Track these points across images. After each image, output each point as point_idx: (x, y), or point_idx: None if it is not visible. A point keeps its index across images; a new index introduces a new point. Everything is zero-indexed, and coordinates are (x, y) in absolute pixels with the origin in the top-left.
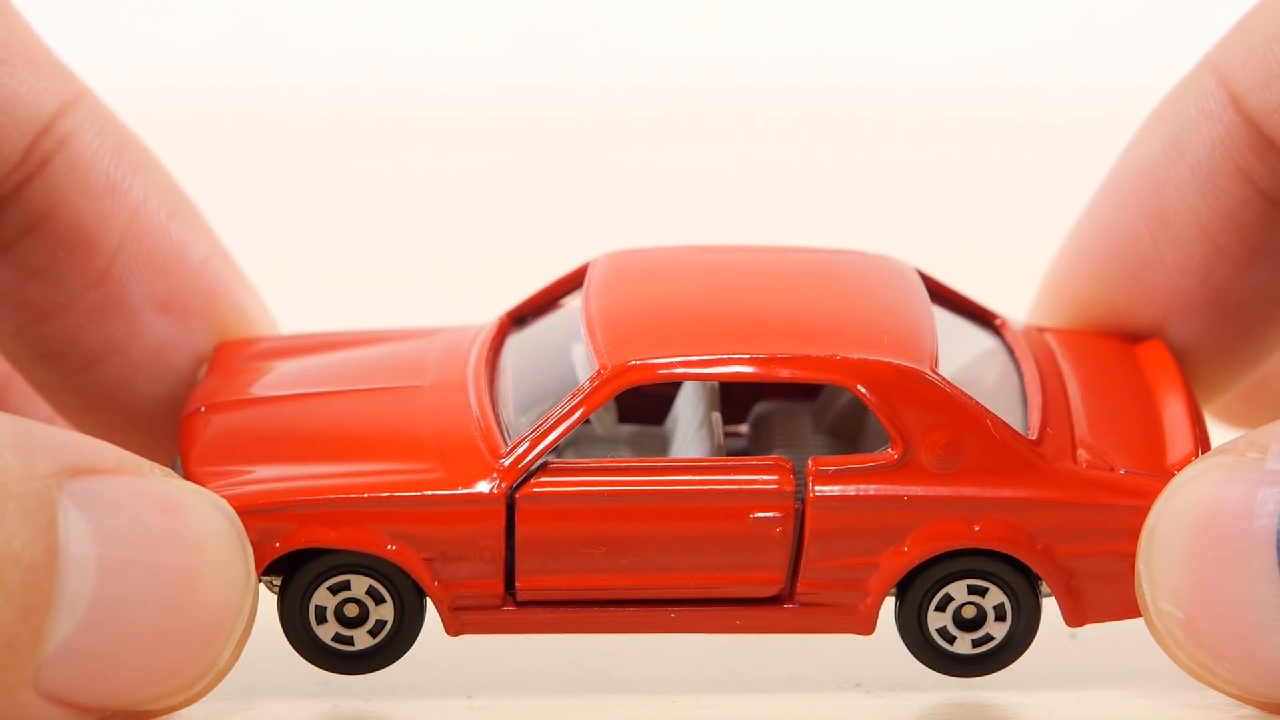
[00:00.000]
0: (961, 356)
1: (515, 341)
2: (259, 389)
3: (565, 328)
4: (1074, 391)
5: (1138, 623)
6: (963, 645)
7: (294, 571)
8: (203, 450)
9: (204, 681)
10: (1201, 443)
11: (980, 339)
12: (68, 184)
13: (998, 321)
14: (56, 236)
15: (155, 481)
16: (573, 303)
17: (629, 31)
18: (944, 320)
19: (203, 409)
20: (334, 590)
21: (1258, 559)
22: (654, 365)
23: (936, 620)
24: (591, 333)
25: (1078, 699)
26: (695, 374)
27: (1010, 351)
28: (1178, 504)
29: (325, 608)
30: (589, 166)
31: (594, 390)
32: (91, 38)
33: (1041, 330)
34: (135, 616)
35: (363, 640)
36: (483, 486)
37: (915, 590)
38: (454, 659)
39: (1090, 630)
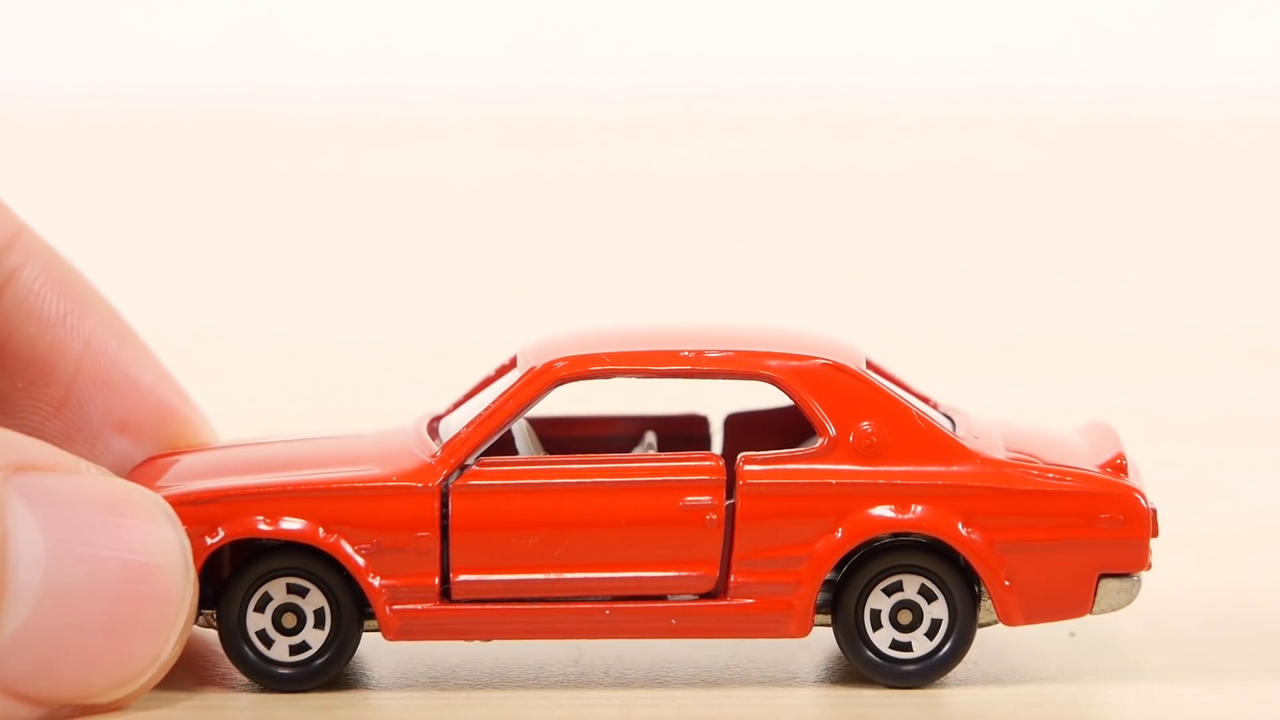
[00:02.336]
0: None
1: (449, 419)
2: (200, 451)
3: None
4: (1003, 431)
5: (1136, 623)
6: (919, 645)
7: (225, 594)
8: (142, 473)
9: (149, 674)
10: (1126, 466)
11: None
12: (19, 316)
13: (932, 401)
14: (13, 367)
15: (94, 479)
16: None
17: (623, 32)
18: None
19: (148, 459)
20: (260, 606)
21: None
22: (583, 360)
23: (882, 638)
24: (522, 356)
25: (1078, 696)
26: (624, 370)
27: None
28: None
29: (264, 629)
30: (583, 166)
31: (524, 386)
32: (91, 38)
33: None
34: (83, 607)
35: (315, 639)
36: (417, 478)
37: (848, 598)
38: (452, 657)
39: (1090, 629)
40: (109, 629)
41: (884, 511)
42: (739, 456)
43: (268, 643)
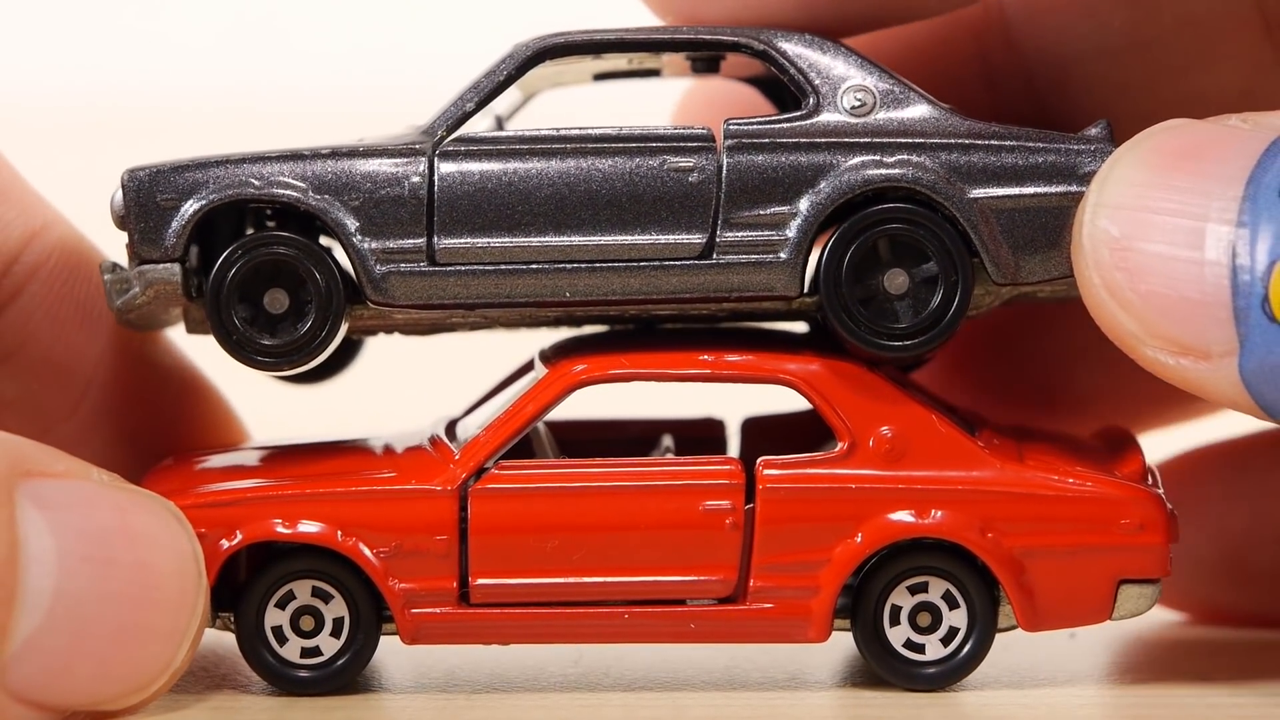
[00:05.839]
0: None
1: (466, 421)
2: (218, 454)
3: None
4: (1022, 435)
5: (1136, 624)
6: (933, 649)
7: (244, 596)
8: (159, 475)
9: (161, 680)
10: (1146, 471)
11: None
12: (39, 315)
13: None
14: (31, 368)
15: (104, 485)
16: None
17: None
18: None
19: (164, 462)
20: (282, 604)
21: (1221, 191)
22: (603, 363)
23: (897, 636)
24: (540, 359)
25: (1077, 697)
26: (644, 373)
27: None
28: (1152, 135)
29: (280, 626)
30: None
31: (544, 389)
32: (91, 38)
33: None
34: (95, 613)
35: (329, 646)
36: (436, 481)
37: (867, 599)
38: (454, 657)
39: (1090, 632)
40: (121, 634)
41: (904, 516)
42: (759, 461)
43: (281, 640)
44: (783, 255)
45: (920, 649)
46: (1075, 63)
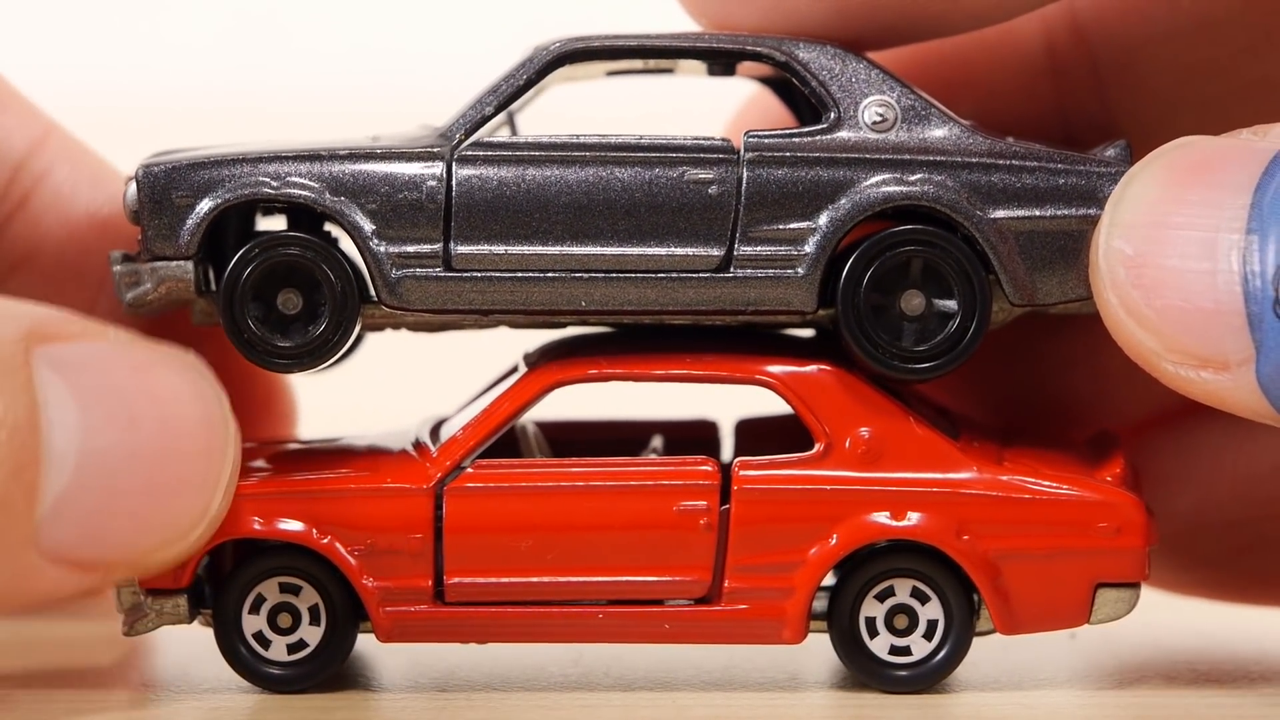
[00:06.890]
0: None
1: (452, 421)
2: None
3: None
4: (1003, 437)
5: (1135, 624)
6: (914, 650)
7: (219, 602)
8: None
9: (200, 528)
10: (1128, 475)
11: None
12: (49, 220)
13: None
14: (43, 272)
15: (120, 343)
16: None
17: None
18: None
19: None
20: (255, 608)
21: (1231, 201)
22: (580, 364)
23: (880, 645)
24: (524, 360)
25: (1077, 699)
26: (622, 374)
27: None
28: (1164, 153)
29: (261, 631)
30: None
31: (520, 389)
32: (91, 38)
33: None
34: (124, 469)
35: (313, 636)
36: (411, 480)
37: (843, 604)
38: (453, 658)
39: (1090, 633)
40: (153, 489)
41: (880, 518)
42: (734, 461)
43: (265, 644)
44: (800, 270)
45: (898, 651)
46: (1143, 47)
